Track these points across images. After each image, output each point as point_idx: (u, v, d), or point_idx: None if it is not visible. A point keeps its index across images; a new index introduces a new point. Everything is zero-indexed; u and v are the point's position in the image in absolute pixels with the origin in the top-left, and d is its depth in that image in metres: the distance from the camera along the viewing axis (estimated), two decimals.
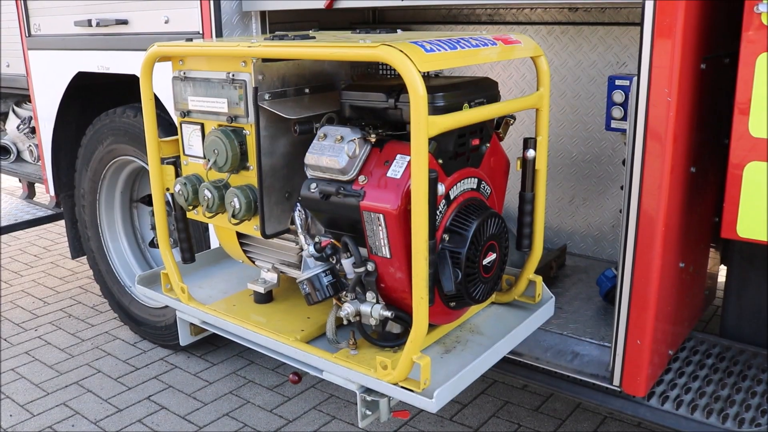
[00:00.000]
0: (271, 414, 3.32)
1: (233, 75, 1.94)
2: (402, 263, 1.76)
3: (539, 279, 2.21)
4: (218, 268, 2.64)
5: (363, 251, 1.83)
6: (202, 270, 2.61)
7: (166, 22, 3.19)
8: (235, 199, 1.99)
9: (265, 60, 1.90)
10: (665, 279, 2.14)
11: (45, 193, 4.43)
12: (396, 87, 1.79)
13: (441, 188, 1.69)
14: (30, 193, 4.99)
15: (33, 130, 4.51)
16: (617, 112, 2.24)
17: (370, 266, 1.80)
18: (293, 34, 1.99)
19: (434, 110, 1.69)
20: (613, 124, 2.27)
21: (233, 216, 2.01)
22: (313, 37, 1.90)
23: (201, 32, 3.03)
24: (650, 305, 2.11)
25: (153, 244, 4.16)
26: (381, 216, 1.71)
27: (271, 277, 2.26)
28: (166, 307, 3.81)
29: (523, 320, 2.12)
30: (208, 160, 2.03)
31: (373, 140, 1.78)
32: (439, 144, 1.75)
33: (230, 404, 3.41)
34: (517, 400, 3.37)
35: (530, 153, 2.03)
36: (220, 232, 2.30)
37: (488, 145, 1.97)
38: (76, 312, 4.47)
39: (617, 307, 2.17)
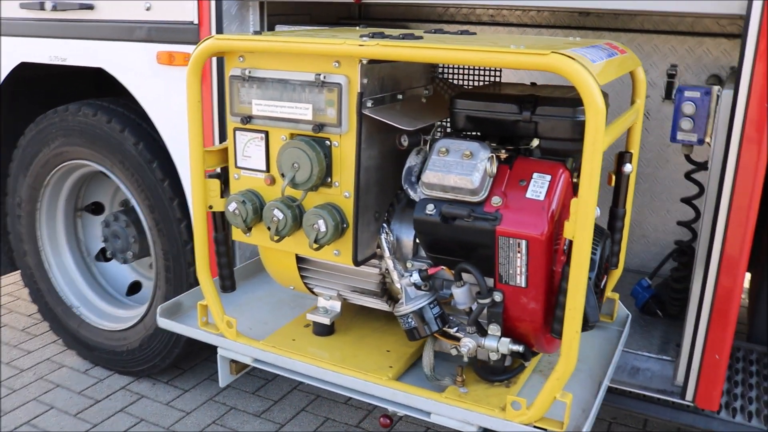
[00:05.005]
0: None
1: (324, 77, 1.67)
2: (539, 293, 1.59)
3: (617, 297, 2.13)
4: (245, 294, 2.33)
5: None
6: (227, 297, 2.28)
7: (148, 9, 2.80)
8: (321, 222, 1.72)
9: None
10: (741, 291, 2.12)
11: None
12: (528, 98, 1.62)
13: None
14: None
15: None
16: (687, 124, 2.19)
17: (498, 296, 1.62)
18: (400, 32, 1.75)
19: (580, 126, 1.54)
20: (680, 136, 2.21)
21: (316, 241, 1.74)
22: (420, 37, 1.67)
23: (197, 22, 2.68)
24: (731, 321, 2.08)
25: (100, 257, 3.70)
26: (523, 242, 1.53)
27: (335, 305, 2.01)
28: (128, 329, 3.41)
29: (610, 341, 2.03)
30: (283, 176, 1.75)
31: (504, 156, 1.60)
32: (573, 161, 1.61)
33: None
34: None
35: (627, 168, 1.93)
36: (272, 257, 2.01)
37: None
38: (5, 337, 3.89)
39: (693, 322, 2.13)
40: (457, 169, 1.56)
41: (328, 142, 1.74)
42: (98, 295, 3.67)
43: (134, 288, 3.73)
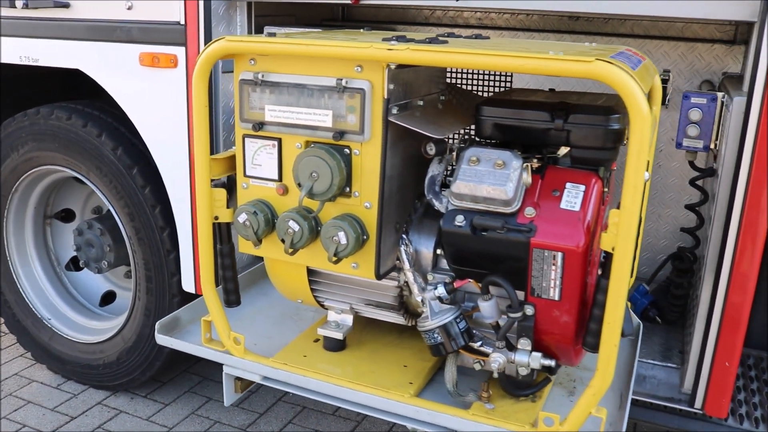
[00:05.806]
0: None
1: (346, 82, 1.59)
2: (572, 306, 1.55)
3: (628, 305, 2.10)
4: (244, 308, 2.22)
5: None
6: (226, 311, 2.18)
7: (129, 8, 2.66)
8: (341, 234, 1.64)
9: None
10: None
11: None
12: (559, 105, 1.57)
13: None
14: None
15: None
16: (693, 131, 2.18)
17: (529, 310, 1.57)
18: (425, 36, 1.68)
19: (614, 134, 1.50)
20: (686, 143, 2.21)
21: (335, 254, 1.66)
22: (446, 42, 1.61)
23: (183, 22, 2.56)
24: (741, 328, 2.08)
25: (71, 266, 3.53)
26: (559, 254, 1.49)
27: (346, 319, 1.93)
28: (105, 342, 3.25)
29: (622, 350, 2.01)
30: (299, 185, 1.67)
31: (536, 166, 1.55)
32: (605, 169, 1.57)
33: None
34: None
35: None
36: (281, 270, 1.92)
37: (614, 168, 1.82)
38: None
39: (703, 329, 2.12)
40: (490, 179, 1.50)
41: (347, 150, 1.66)
42: (70, 306, 3.50)
43: (107, 298, 3.57)
